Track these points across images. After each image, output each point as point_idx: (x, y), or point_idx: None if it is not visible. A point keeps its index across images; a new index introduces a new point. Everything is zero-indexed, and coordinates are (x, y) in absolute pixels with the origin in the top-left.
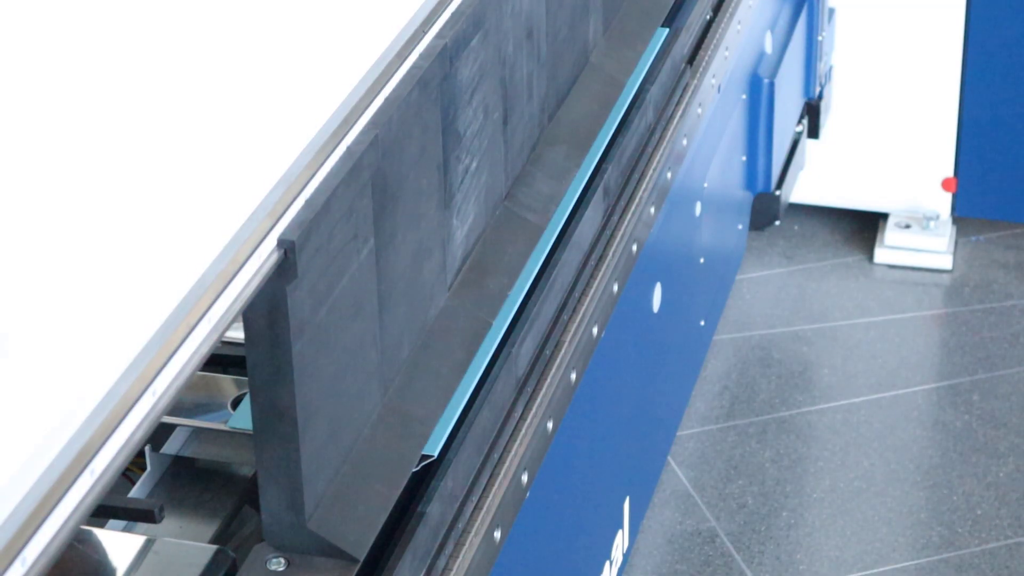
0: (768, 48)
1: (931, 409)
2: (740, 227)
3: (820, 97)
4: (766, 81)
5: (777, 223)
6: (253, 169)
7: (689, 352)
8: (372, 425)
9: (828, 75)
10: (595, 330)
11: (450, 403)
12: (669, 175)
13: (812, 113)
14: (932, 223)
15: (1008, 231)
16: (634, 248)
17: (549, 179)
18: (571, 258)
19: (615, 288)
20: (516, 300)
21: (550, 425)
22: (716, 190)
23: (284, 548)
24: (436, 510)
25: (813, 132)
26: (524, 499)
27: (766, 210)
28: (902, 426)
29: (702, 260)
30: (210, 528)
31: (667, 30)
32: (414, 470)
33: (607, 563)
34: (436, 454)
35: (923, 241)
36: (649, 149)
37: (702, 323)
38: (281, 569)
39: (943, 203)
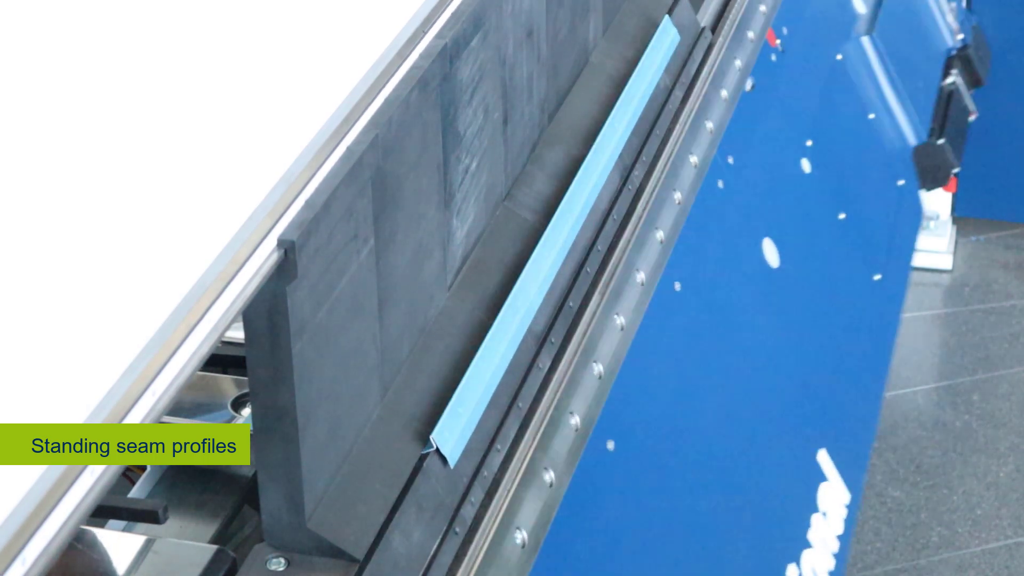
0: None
1: (931, 409)
2: (901, 183)
3: (966, 45)
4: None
5: (955, 171)
6: (253, 169)
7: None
8: (372, 425)
9: (968, 23)
10: None
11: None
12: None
13: (965, 62)
14: (932, 223)
15: (1008, 231)
16: None
17: (549, 179)
18: None
19: None
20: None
21: None
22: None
23: (284, 548)
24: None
25: (976, 82)
26: None
27: (933, 162)
28: (902, 426)
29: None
30: (210, 528)
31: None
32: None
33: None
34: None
35: (923, 241)
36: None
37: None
38: (281, 569)
39: (943, 203)
